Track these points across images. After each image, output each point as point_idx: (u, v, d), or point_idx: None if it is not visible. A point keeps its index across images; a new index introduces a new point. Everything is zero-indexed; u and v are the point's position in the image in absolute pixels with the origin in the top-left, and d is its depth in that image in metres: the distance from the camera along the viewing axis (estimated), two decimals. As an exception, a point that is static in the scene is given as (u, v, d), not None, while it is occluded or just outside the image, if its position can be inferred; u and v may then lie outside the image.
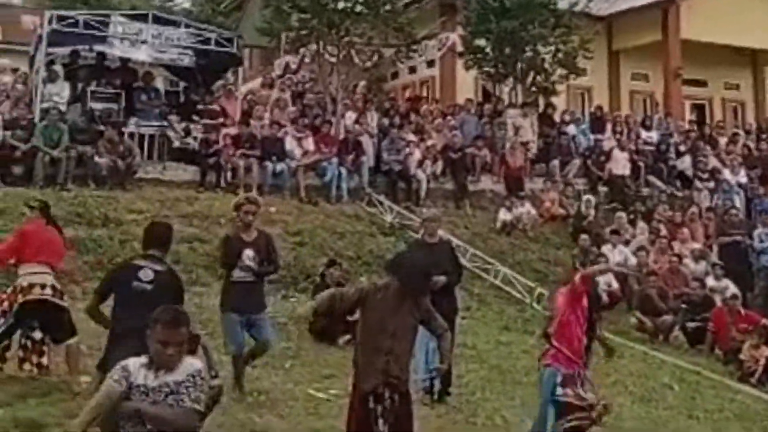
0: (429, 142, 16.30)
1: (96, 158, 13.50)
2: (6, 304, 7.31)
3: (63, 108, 14.10)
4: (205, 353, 6.63)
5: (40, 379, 7.53)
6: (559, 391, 6.36)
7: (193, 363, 4.14)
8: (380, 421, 5.25)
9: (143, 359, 4.10)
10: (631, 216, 15.77)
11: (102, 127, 14.03)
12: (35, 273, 7.27)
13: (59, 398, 7.15)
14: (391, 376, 5.28)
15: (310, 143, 15.21)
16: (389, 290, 5.42)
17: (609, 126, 18.65)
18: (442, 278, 7.78)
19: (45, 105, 14.06)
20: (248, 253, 7.45)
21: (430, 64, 20.94)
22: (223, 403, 6.88)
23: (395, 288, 5.43)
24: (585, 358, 6.63)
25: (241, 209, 7.52)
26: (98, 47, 15.88)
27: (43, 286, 7.23)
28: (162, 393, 4.01)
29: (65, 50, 15.87)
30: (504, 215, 15.10)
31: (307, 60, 18.96)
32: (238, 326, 7.51)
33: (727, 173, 17.81)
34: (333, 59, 17.03)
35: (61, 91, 14.66)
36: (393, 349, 5.30)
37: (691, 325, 12.26)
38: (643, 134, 18.81)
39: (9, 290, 7.44)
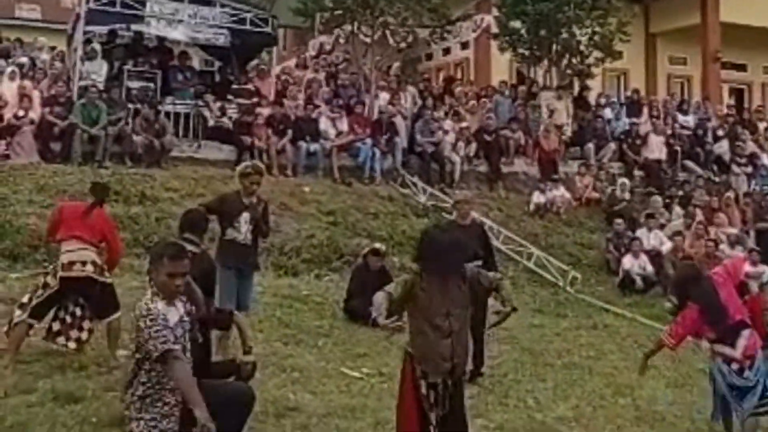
0: (463, 124, 16.23)
1: (133, 136, 13.64)
2: (47, 278, 7.38)
3: (101, 86, 14.23)
4: (239, 329, 6.75)
5: (78, 352, 7.64)
6: None
7: (183, 303, 4.50)
8: (435, 410, 5.10)
9: (158, 303, 4.35)
10: (667, 201, 15.62)
11: (138, 106, 14.15)
12: (73, 251, 7.32)
13: (96, 371, 7.26)
14: (457, 357, 5.11)
15: (344, 124, 15.22)
16: (429, 276, 5.19)
17: (645, 110, 18.45)
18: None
19: (83, 83, 14.22)
20: (245, 216, 7.58)
21: (465, 45, 20.83)
22: (256, 379, 7.01)
23: (432, 272, 5.20)
24: None
25: (247, 178, 7.58)
26: (135, 26, 16.01)
27: (84, 263, 7.27)
28: (183, 329, 4.41)
29: (103, 29, 16.05)
30: (538, 198, 15.04)
31: (341, 40, 18.93)
32: (233, 283, 7.57)
33: (765, 158, 17.59)
34: (367, 40, 16.98)
35: (99, 69, 14.79)
36: (453, 329, 5.10)
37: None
38: (680, 118, 18.60)
39: (51, 268, 7.52)
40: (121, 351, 7.56)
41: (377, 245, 10.81)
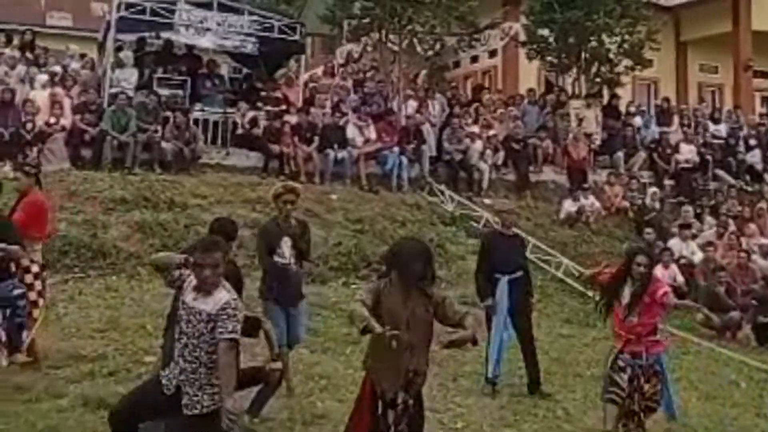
0: (491, 132, 16.16)
1: (162, 143, 13.73)
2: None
3: (131, 93, 14.35)
4: (266, 336, 6.74)
5: (108, 358, 7.68)
6: None
7: (222, 296, 4.57)
8: (390, 429, 4.95)
9: (193, 281, 4.66)
10: (698, 210, 15.45)
11: (168, 113, 14.26)
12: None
13: (126, 377, 7.31)
14: (414, 371, 4.97)
15: (371, 131, 15.21)
16: (393, 282, 5.07)
17: (676, 118, 18.28)
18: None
19: (113, 90, 14.35)
20: (286, 240, 7.30)
21: (492, 53, 20.78)
22: (285, 388, 7.01)
23: (396, 279, 5.07)
24: None
25: (280, 198, 7.29)
26: (164, 34, 16.11)
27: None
28: (198, 318, 4.54)
29: (133, 37, 16.17)
30: (569, 206, 14.89)
31: (369, 48, 18.98)
32: (282, 317, 7.28)
33: (798, 168, 17.33)
34: (395, 48, 17.00)
35: (130, 76, 14.92)
36: (412, 342, 4.92)
37: (762, 320, 11.95)
38: (711, 127, 18.42)
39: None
40: (148, 357, 7.60)
41: None
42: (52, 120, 13.52)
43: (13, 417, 6.11)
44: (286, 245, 7.31)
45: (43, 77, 14.60)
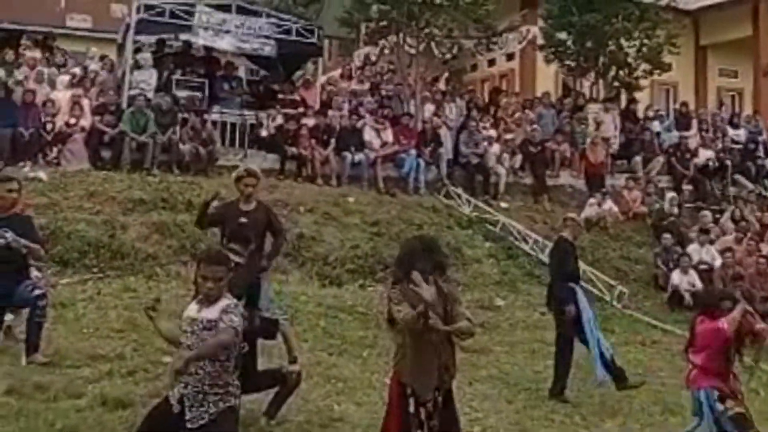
0: (508, 136, 16.12)
1: (180, 144, 13.78)
2: None
3: (150, 95, 14.41)
4: (284, 338, 6.75)
5: (126, 358, 7.71)
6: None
7: (225, 301, 4.67)
8: (425, 427, 4.98)
9: (199, 297, 4.77)
10: (717, 215, 15.34)
11: (186, 115, 14.31)
12: None
13: (144, 377, 7.33)
14: (445, 368, 5.05)
15: (388, 134, 15.21)
16: (408, 285, 5.09)
17: (695, 123, 18.16)
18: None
19: (132, 92, 14.41)
20: (242, 221, 7.34)
21: (510, 57, 20.76)
22: (301, 389, 7.01)
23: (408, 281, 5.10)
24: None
25: (240, 182, 7.45)
26: (183, 36, 16.20)
27: None
28: (200, 326, 4.62)
29: (152, 39, 16.26)
30: (590, 211, 14.76)
31: (386, 51, 18.97)
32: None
33: (818, 173, 17.19)
34: (412, 51, 16.98)
35: (149, 78, 14.97)
36: (435, 341, 5.00)
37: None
38: (731, 132, 18.30)
39: None
40: (166, 357, 7.62)
41: None
42: (72, 121, 13.61)
43: (33, 416, 6.14)
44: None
45: (64, 78, 14.71)
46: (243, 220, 7.27)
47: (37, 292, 7.14)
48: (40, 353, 7.32)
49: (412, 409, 5.01)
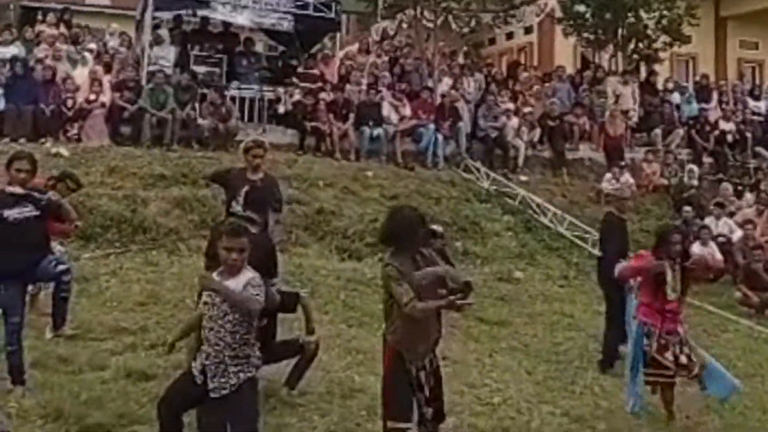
0: (526, 109, 16.05)
1: (199, 120, 13.84)
2: None
3: (169, 71, 14.45)
4: (304, 310, 6.82)
5: (149, 330, 7.81)
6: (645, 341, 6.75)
7: (247, 274, 4.74)
8: (425, 388, 5.19)
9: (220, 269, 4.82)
10: (738, 188, 15.23)
11: (205, 90, 14.35)
12: None
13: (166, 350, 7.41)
14: (438, 332, 5.25)
15: (406, 109, 15.20)
16: (402, 259, 5.12)
17: (715, 95, 18.00)
18: None
19: (152, 68, 14.47)
20: (247, 189, 7.47)
21: (528, 30, 20.60)
22: (322, 361, 7.09)
23: (401, 253, 5.16)
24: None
25: (249, 153, 7.58)
26: (201, 12, 16.16)
27: None
28: (222, 298, 4.69)
29: (170, 15, 16.24)
30: (608, 184, 14.68)
31: (404, 25, 18.89)
32: None
33: (840, 144, 17.01)
34: (430, 25, 16.92)
35: (168, 54, 15.01)
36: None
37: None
38: (751, 104, 18.14)
39: None
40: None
41: (434, 226, 10.75)
42: (92, 97, 13.70)
43: (58, 388, 6.24)
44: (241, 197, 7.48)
45: (84, 55, 14.75)
46: (253, 186, 7.43)
47: (61, 267, 7.17)
48: (67, 326, 7.44)
49: (414, 374, 5.15)
